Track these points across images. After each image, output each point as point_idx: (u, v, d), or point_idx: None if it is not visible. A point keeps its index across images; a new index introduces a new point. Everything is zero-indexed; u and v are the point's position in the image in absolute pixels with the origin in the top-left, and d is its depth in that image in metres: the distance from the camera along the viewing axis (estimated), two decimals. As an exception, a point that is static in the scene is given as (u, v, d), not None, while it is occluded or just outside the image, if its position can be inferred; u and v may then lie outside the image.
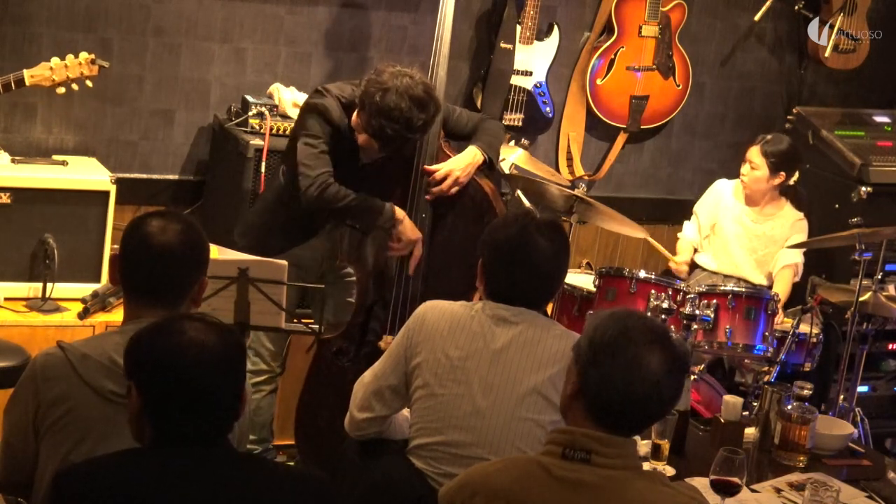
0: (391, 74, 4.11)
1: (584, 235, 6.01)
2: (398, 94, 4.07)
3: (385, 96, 4.07)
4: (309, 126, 4.30)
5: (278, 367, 4.58)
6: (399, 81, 4.09)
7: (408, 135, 4.13)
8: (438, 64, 4.39)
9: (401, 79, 4.10)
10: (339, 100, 4.27)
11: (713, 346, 4.67)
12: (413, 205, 4.34)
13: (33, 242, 4.60)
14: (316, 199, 4.21)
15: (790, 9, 6.17)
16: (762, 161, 5.35)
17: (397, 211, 4.28)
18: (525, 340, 3.18)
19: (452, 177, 4.32)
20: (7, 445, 2.75)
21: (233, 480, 2.35)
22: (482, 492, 2.45)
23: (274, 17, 5.26)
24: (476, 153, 4.36)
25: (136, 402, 2.38)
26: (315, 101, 4.31)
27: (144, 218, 2.78)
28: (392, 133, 4.10)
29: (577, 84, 5.86)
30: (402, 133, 4.11)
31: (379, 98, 4.07)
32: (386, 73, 4.12)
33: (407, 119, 4.08)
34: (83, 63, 4.42)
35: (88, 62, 4.43)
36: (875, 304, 4.78)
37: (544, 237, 3.23)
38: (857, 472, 3.81)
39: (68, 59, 4.41)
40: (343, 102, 4.27)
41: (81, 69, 4.42)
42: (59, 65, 4.40)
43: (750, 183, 5.41)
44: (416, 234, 4.31)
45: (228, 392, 2.37)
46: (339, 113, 4.27)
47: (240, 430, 2.71)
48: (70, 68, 4.40)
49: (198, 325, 2.37)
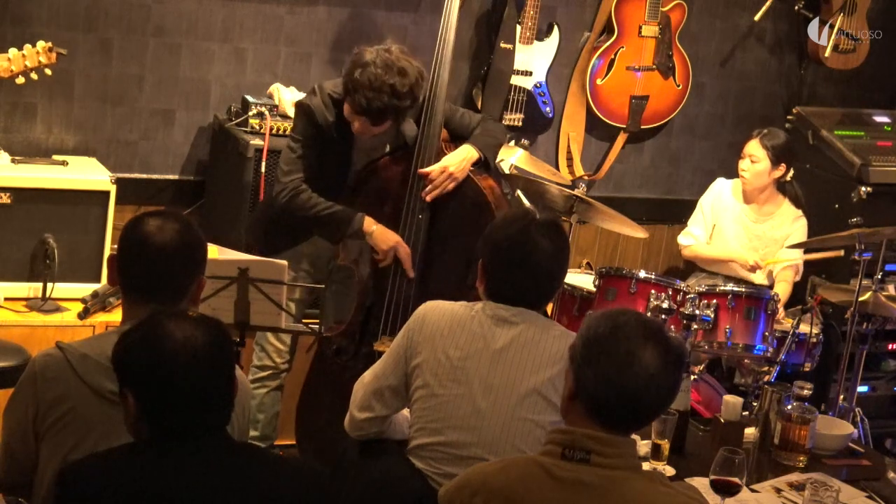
0: (369, 52, 4.17)
1: (584, 235, 6.01)
2: (376, 66, 4.11)
3: (365, 71, 4.11)
4: (295, 127, 4.36)
5: (283, 364, 4.58)
6: (377, 56, 4.14)
7: (396, 102, 4.13)
8: (441, 65, 4.39)
9: (379, 53, 4.15)
10: (330, 97, 4.28)
11: (713, 346, 4.66)
12: (409, 207, 4.34)
13: (33, 242, 4.60)
14: (286, 205, 4.25)
15: (790, 9, 6.17)
16: (763, 153, 5.35)
17: (367, 222, 4.26)
18: (525, 341, 3.18)
19: (447, 172, 4.31)
20: (7, 446, 2.76)
21: (231, 469, 2.39)
22: (481, 492, 2.45)
23: (274, 17, 5.27)
24: (470, 150, 4.35)
25: (132, 407, 2.41)
26: (302, 102, 4.34)
27: (142, 217, 2.79)
28: (381, 104, 4.11)
29: (577, 84, 5.86)
30: (390, 102, 4.11)
31: (359, 74, 4.11)
32: (364, 53, 4.18)
33: (391, 86, 4.10)
34: (41, 51, 4.41)
35: (46, 50, 4.42)
36: (875, 304, 4.78)
37: (545, 237, 3.23)
38: (857, 472, 3.81)
39: (26, 48, 4.40)
40: (335, 98, 4.28)
41: (39, 57, 4.41)
42: (16, 55, 4.38)
43: (751, 178, 5.41)
44: (390, 240, 4.28)
45: (221, 382, 2.42)
46: (327, 112, 4.27)
47: (239, 426, 2.72)
48: (28, 57, 4.39)
49: (183, 325, 2.39)
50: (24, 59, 4.38)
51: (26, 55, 4.39)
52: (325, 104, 4.27)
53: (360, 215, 4.27)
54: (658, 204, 6.22)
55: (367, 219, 4.28)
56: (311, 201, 4.25)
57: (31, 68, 4.41)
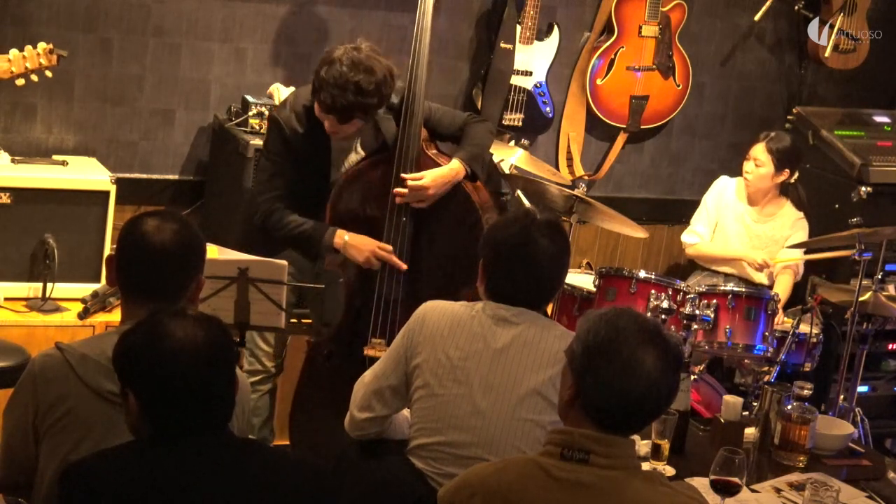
0: (338, 50, 4.15)
1: (584, 235, 6.01)
2: (342, 63, 4.09)
3: (330, 68, 4.10)
4: (266, 143, 4.37)
5: (274, 368, 4.57)
6: (344, 54, 4.12)
7: (361, 99, 4.09)
8: (418, 65, 4.32)
9: (347, 51, 4.13)
10: (304, 106, 4.26)
11: (713, 346, 4.66)
12: (393, 208, 4.31)
13: (33, 242, 4.60)
14: (261, 226, 4.29)
15: (790, 9, 6.17)
16: (767, 158, 5.35)
17: (336, 237, 4.24)
18: (525, 341, 3.18)
19: (421, 190, 4.26)
20: (7, 446, 2.76)
21: (234, 466, 2.40)
22: (481, 492, 2.45)
23: (274, 17, 5.27)
24: (457, 167, 4.31)
25: (133, 406, 2.41)
26: (272, 115, 4.36)
27: (140, 217, 2.79)
28: (346, 102, 4.09)
29: (577, 84, 5.86)
30: (355, 100, 4.09)
31: (325, 72, 4.10)
32: (333, 51, 4.16)
33: (355, 83, 4.07)
34: (41, 53, 4.41)
35: (47, 52, 4.42)
36: (875, 304, 4.78)
37: (546, 237, 3.23)
38: (857, 472, 3.81)
39: (27, 49, 4.40)
40: (308, 107, 4.26)
41: (40, 59, 4.41)
42: (17, 56, 4.38)
43: (754, 181, 5.41)
44: (365, 249, 4.26)
45: (222, 380, 2.42)
46: (297, 124, 4.25)
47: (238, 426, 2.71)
48: (29, 59, 4.39)
49: (183, 324, 2.40)
50: (25, 61, 4.38)
51: (27, 56, 4.39)
52: (296, 115, 4.25)
53: (330, 230, 4.25)
54: (658, 204, 6.22)
55: (337, 233, 4.25)
56: (282, 221, 4.26)
57: (32, 70, 4.41)
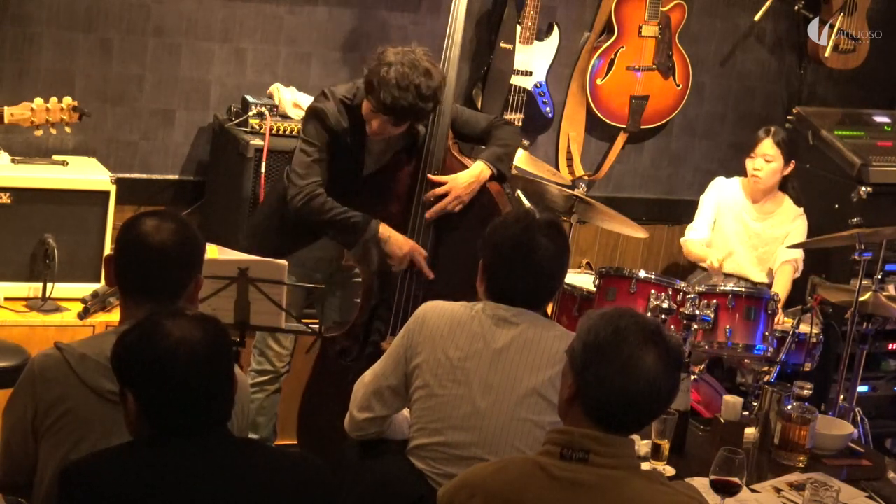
0: (394, 52, 4.18)
1: (584, 235, 6.01)
2: (404, 65, 4.12)
3: (391, 69, 4.11)
4: (307, 131, 4.31)
5: (283, 368, 4.57)
6: (403, 56, 4.15)
7: (420, 104, 4.13)
8: (449, 66, 4.41)
9: (404, 54, 4.16)
10: (342, 101, 4.28)
11: (713, 346, 4.66)
12: (416, 211, 4.33)
13: (33, 242, 4.60)
14: (300, 208, 4.23)
15: (790, 9, 6.17)
16: (777, 152, 5.36)
17: (381, 229, 4.26)
18: (525, 341, 3.18)
19: (453, 196, 4.31)
20: (7, 446, 2.76)
21: (234, 465, 2.40)
22: (480, 492, 2.45)
23: (274, 17, 5.27)
24: (482, 169, 4.34)
25: (132, 406, 2.42)
26: (314, 105, 4.31)
27: (139, 217, 2.79)
28: (406, 104, 4.11)
29: (577, 84, 5.86)
30: (415, 103, 4.12)
31: (386, 72, 4.11)
32: (389, 52, 4.18)
33: (417, 86, 4.10)
34: (65, 108, 4.43)
35: (70, 108, 4.44)
36: (875, 304, 4.78)
37: (546, 237, 3.23)
38: (857, 472, 3.81)
39: (51, 101, 4.42)
40: (347, 103, 4.27)
41: (62, 115, 4.44)
42: (40, 106, 4.41)
43: (766, 177, 5.40)
44: (404, 248, 4.28)
45: (221, 379, 2.42)
46: (340, 116, 4.26)
47: (238, 425, 2.72)
48: (51, 112, 4.41)
49: (181, 323, 2.40)
50: (48, 113, 4.41)
51: (50, 109, 4.41)
52: (338, 109, 4.27)
53: (375, 221, 4.26)
54: (658, 204, 6.22)
55: (382, 225, 4.27)
56: (327, 206, 4.24)
57: (52, 123, 4.43)
